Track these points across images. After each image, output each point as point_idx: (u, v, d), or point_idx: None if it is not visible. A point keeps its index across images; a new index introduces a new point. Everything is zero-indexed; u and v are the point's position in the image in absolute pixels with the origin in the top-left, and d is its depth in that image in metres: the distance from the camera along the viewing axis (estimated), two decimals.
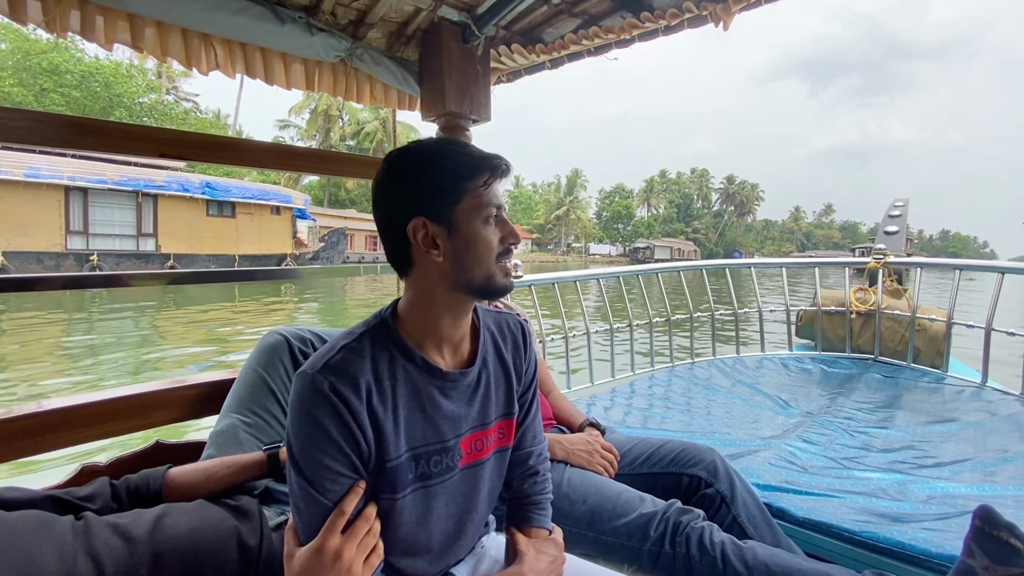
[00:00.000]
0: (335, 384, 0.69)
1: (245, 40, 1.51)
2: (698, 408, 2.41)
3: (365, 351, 0.74)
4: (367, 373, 0.72)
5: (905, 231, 4.58)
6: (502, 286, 0.78)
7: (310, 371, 0.70)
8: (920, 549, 1.22)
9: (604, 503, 1.23)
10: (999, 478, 1.66)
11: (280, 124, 44.18)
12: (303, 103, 42.80)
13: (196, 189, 18.63)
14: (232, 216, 20.08)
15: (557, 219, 67.67)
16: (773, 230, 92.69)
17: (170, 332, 9.17)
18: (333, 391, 0.69)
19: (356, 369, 0.71)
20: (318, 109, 42.31)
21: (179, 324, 10.07)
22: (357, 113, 45.10)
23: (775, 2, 1.53)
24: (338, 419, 0.69)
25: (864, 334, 3.41)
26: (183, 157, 1.32)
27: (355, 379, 0.71)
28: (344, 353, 0.72)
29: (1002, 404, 2.40)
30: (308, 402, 0.69)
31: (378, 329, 0.77)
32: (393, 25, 1.75)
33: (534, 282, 2.78)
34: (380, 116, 43.95)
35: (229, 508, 0.90)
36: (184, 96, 37.66)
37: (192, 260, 18.40)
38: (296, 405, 0.70)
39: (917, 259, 3.53)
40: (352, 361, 0.72)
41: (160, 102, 32.12)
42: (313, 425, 0.68)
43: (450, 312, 0.79)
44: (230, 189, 19.88)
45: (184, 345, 7.95)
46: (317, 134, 43.12)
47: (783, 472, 1.67)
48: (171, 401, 1.31)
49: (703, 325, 3.52)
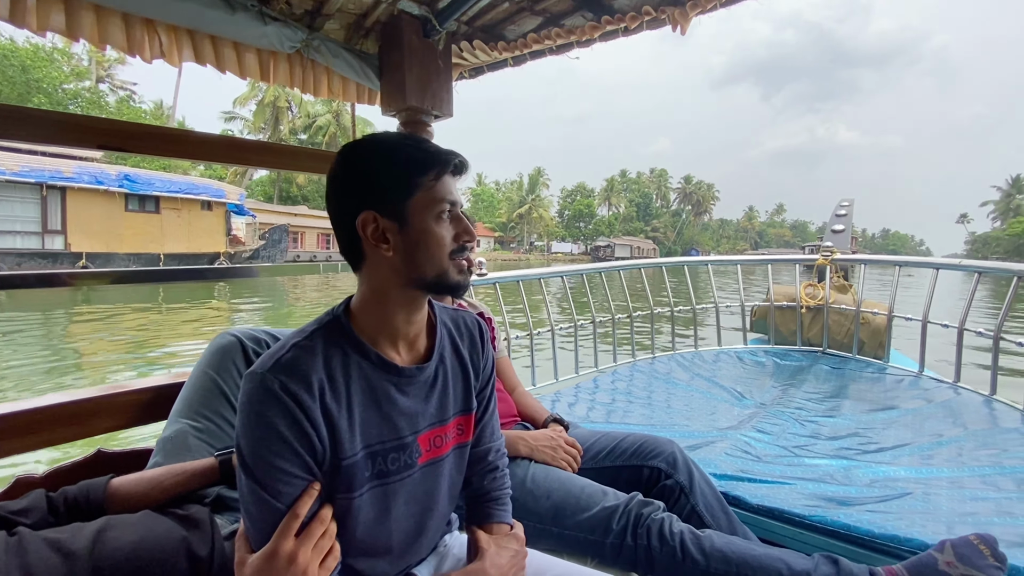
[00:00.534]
0: (286, 383, 0.67)
1: (192, 27, 1.44)
2: (659, 402, 2.47)
3: (317, 348, 0.72)
4: (319, 371, 0.70)
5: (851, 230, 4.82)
6: (455, 283, 0.77)
7: (259, 370, 0.68)
8: (864, 530, 1.29)
9: (567, 498, 1.24)
10: (935, 461, 1.77)
11: (226, 116, 41.82)
12: (248, 93, 40.58)
13: (112, 181, 16.81)
14: (156, 211, 18.35)
15: (520, 217, 67.49)
16: (728, 229, 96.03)
17: (88, 348, 7.64)
18: (284, 390, 0.66)
19: (308, 367, 0.69)
20: (265, 100, 40.45)
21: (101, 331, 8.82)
22: (308, 105, 43.42)
23: (730, 6, 1.58)
24: (290, 418, 0.67)
25: (813, 327, 3.58)
26: (125, 149, 1.25)
27: (307, 377, 0.69)
28: (295, 351, 0.70)
29: (937, 392, 2.56)
30: (258, 402, 0.66)
31: (331, 326, 0.76)
32: (351, 17, 1.71)
33: (499, 280, 2.78)
34: (333, 109, 42.38)
35: (177, 518, 0.86)
36: (120, 85, 35.08)
37: (108, 259, 16.66)
38: (245, 406, 0.67)
39: (861, 256, 3.73)
40: (303, 359, 0.70)
41: (89, 90, 29.89)
42: (263, 426, 0.66)
43: (403, 308, 0.78)
44: (153, 182, 18.07)
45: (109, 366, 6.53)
46: (265, 127, 41.27)
47: (739, 461, 1.73)
48: (114, 407, 1.23)
49: (663, 321, 3.61)
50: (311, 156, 1.70)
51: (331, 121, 42.60)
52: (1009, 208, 65.09)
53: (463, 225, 0.78)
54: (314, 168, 1.66)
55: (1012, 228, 57.97)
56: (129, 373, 6.06)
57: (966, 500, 1.48)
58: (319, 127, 42.83)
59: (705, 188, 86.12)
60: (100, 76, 33.35)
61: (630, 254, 60.20)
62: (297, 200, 43.81)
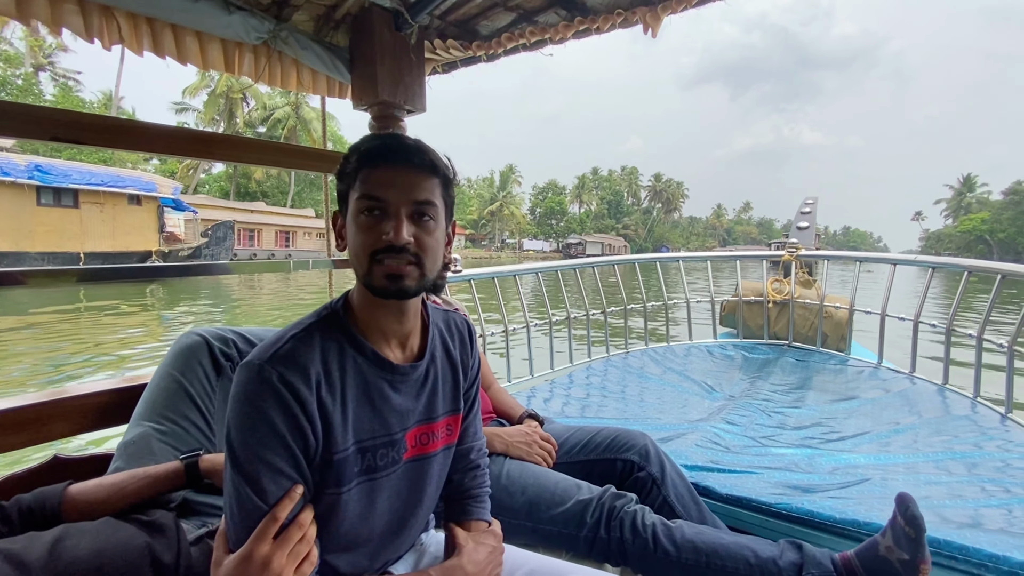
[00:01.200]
0: (284, 374, 0.66)
1: (152, 14, 1.38)
2: (632, 396, 2.51)
3: (315, 342, 0.72)
4: (317, 364, 0.70)
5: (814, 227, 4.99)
6: (379, 288, 0.72)
7: (257, 361, 0.67)
8: (827, 516, 1.34)
9: (542, 493, 1.25)
10: (892, 448, 1.86)
11: (177, 107, 39.59)
12: (199, 83, 38.03)
13: (21, 173, 15.07)
14: (74, 206, 16.57)
15: (491, 215, 66.86)
16: (698, 226, 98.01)
17: None
18: (282, 381, 0.66)
19: (306, 359, 0.69)
20: (217, 90, 38.18)
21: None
22: (265, 97, 41.44)
23: (700, 7, 1.60)
24: (285, 410, 0.66)
25: (780, 322, 3.69)
26: (80, 142, 1.19)
27: (305, 369, 0.68)
28: (293, 343, 0.70)
29: (894, 382, 2.68)
30: (254, 393, 0.66)
31: (328, 320, 0.76)
32: (320, 8, 1.67)
33: (473, 276, 2.77)
34: (292, 101, 40.75)
35: (141, 524, 0.83)
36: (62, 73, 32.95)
37: (18, 259, 14.85)
38: (240, 396, 0.66)
39: (825, 252, 3.87)
40: (302, 351, 0.70)
41: (22, 77, 27.92)
42: (258, 417, 0.65)
43: (382, 308, 0.77)
44: (69, 173, 16.25)
45: None
46: (218, 118, 39.28)
47: (708, 452, 1.77)
48: (71, 411, 1.18)
49: (636, 316, 3.67)
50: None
51: (290, 113, 41.11)
52: (960, 206, 68.01)
53: (390, 224, 0.70)
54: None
55: (963, 225, 60.38)
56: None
57: (920, 484, 1.55)
58: (277, 120, 41.20)
59: (675, 186, 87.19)
60: (40, 63, 31.22)
61: (601, 251, 60.29)
62: (256, 196, 42.16)
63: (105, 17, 1.34)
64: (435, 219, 0.75)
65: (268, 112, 41.38)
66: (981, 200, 65.93)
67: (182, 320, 10.84)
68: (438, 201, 0.75)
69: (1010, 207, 55.03)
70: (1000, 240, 54.90)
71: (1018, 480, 1.58)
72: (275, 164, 1.64)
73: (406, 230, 0.71)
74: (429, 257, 0.74)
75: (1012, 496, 1.47)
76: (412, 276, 0.72)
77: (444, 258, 1.56)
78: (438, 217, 0.76)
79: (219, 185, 43.95)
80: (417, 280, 0.73)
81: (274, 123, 41.08)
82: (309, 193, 46.14)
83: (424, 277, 0.74)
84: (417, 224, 0.73)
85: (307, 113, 40.99)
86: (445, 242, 0.81)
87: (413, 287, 0.73)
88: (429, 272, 0.75)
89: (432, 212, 0.74)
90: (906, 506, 1.00)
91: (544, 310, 3.18)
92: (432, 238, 0.74)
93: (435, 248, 0.75)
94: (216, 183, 44.21)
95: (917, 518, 0.98)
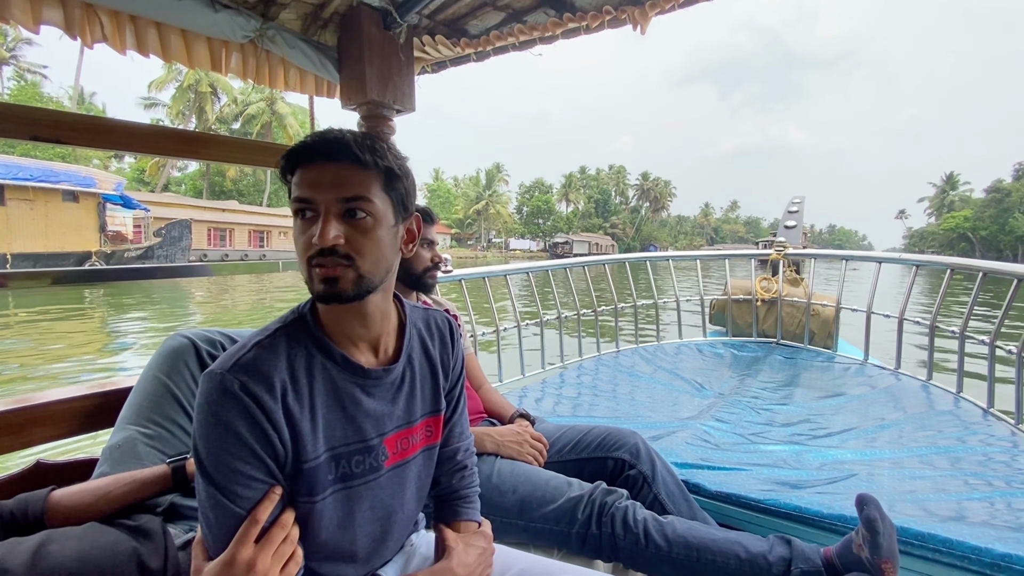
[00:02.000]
0: (246, 383, 0.65)
1: (135, 12, 1.36)
2: (623, 394, 2.53)
3: (280, 348, 0.70)
4: (282, 371, 0.68)
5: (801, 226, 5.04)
6: (317, 293, 0.69)
7: (218, 370, 0.65)
8: (814, 511, 1.36)
9: (533, 491, 1.25)
10: (878, 444, 1.88)
11: (146, 102, 37.82)
12: (165, 76, 36.21)
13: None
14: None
15: (477, 214, 65.72)
16: (686, 225, 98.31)
17: None
18: (244, 391, 0.64)
19: (270, 367, 0.67)
20: (185, 84, 36.31)
21: None
22: (234, 91, 39.87)
23: (687, 7, 1.61)
24: (250, 420, 0.64)
25: (768, 319, 3.73)
26: (61, 141, 1.17)
27: (268, 377, 0.66)
28: (256, 351, 0.68)
29: (880, 378, 2.72)
30: (216, 403, 0.64)
31: (295, 325, 0.73)
32: (308, 6, 1.65)
33: (464, 276, 2.77)
34: (266, 96, 39.30)
35: (127, 529, 0.82)
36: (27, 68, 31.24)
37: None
38: (203, 407, 0.65)
39: (812, 251, 3.91)
40: (265, 359, 0.68)
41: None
42: (222, 428, 0.64)
43: (341, 312, 0.73)
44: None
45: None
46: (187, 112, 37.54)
47: (698, 450, 1.78)
48: (55, 415, 1.16)
49: (627, 315, 3.69)
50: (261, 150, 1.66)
51: (265, 109, 39.59)
52: (943, 204, 68.32)
53: (320, 227, 0.66)
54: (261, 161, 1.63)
55: (946, 223, 60.36)
56: None
57: (906, 479, 1.58)
58: (251, 115, 39.43)
59: (663, 185, 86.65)
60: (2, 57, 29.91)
61: (588, 250, 59.48)
62: (231, 195, 40.72)
63: (87, 14, 1.31)
64: (373, 215, 0.69)
65: (242, 107, 39.98)
66: (964, 198, 66.24)
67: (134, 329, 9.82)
68: (375, 197, 0.69)
69: (992, 204, 55.03)
70: (983, 238, 55.05)
71: (999, 474, 1.61)
72: (262, 164, 1.62)
73: (333, 230, 0.66)
74: (366, 257, 0.69)
75: (994, 489, 1.50)
76: (347, 279, 0.68)
77: (435, 258, 1.56)
78: (377, 214, 0.70)
79: (193, 183, 42.52)
80: (354, 283, 0.69)
81: (248, 119, 39.58)
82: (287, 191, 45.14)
83: (363, 279, 0.69)
84: (349, 223, 0.68)
85: (281, 108, 39.74)
86: (404, 239, 0.77)
87: (350, 291, 0.69)
88: (369, 274, 0.70)
89: (368, 208, 0.68)
90: (861, 507, 1.02)
91: (535, 310, 3.19)
92: (368, 237, 0.69)
93: (373, 247, 0.70)
94: (191, 181, 42.86)
95: (871, 520, 1.00)
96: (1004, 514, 1.36)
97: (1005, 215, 53.46)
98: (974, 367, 2.56)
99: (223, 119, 40.17)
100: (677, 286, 3.77)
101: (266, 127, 39.79)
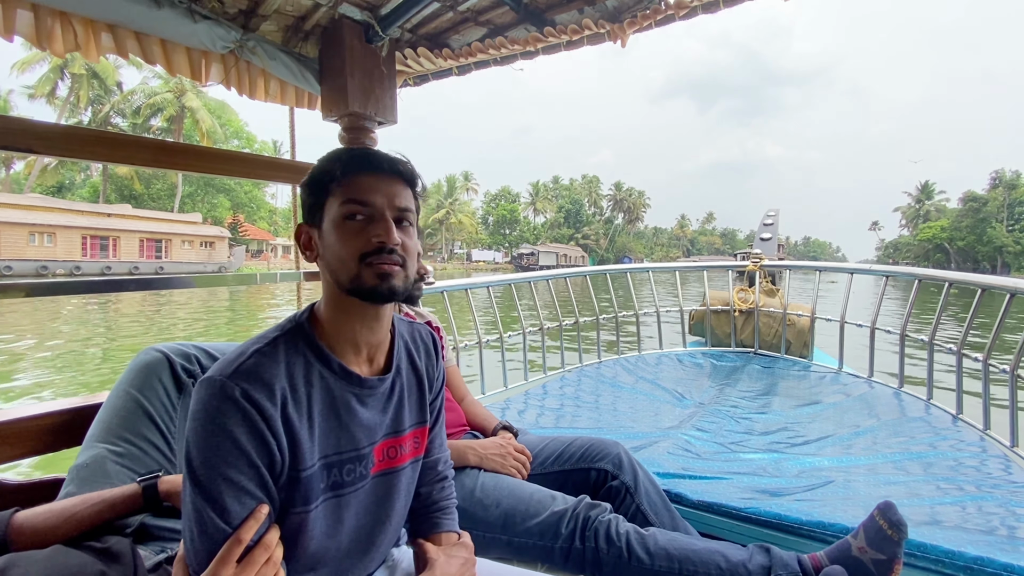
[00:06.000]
0: (248, 390, 0.64)
1: (112, 21, 1.34)
2: (606, 405, 2.53)
3: (279, 356, 0.70)
4: (282, 378, 0.69)
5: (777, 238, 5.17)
6: (370, 287, 0.72)
7: (219, 377, 0.65)
8: (793, 519, 1.38)
9: (517, 505, 1.24)
10: (853, 450, 1.92)
11: (28, 92, 32.20)
12: (32, 56, 30.36)
13: None
14: None
15: (439, 223, 62.75)
16: (662, 237, 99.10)
17: None
18: (245, 397, 0.64)
19: (270, 374, 0.67)
20: (54, 65, 31.03)
21: None
22: (116, 73, 34.13)
23: (665, 25, 1.66)
24: (249, 427, 0.64)
25: (746, 330, 3.80)
26: (33, 151, 1.14)
27: (270, 384, 0.67)
28: (257, 358, 0.68)
29: (854, 386, 2.79)
30: (215, 410, 0.63)
31: (293, 333, 0.74)
32: (289, 19, 1.65)
33: (447, 288, 2.76)
34: (172, 86, 34.62)
35: (94, 552, 0.79)
36: None
37: None
38: (200, 414, 0.64)
39: (787, 262, 4.01)
40: (266, 366, 0.68)
41: None
42: (220, 435, 0.63)
43: (356, 316, 0.76)
44: None
45: None
46: (76, 101, 31.72)
47: (680, 460, 1.80)
48: (20, 433, 1.11)
49: (609, 326, 3.71)
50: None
51: (172, 101, 34.52)
52: (919, 214, 67.16)
53: (379, 227, 0.72)
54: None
55: (923, 233, 59.16)
56: None
57: (880, 484, 1.61)
58: (152, 107, 34.35)
59: (636, 195, 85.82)
60: None
61: (556, 262, 57.40)
62: (143, 198, 36.89)
63: (60, 23, 1.29)
64: (414, 225, 0.78)
65: (148, 96, 34.65)
66: (939, 207, 65.68)
67: None
68: (414, 210, 0.78)
69: (969, 214, 53.93)
70: (959, 248, 54.07)
71: (970, 478, 1.66)
72: (243, 175, 1.61)
73: (395, 231, 0.73)
74: (412, 261, 0.76)
75: (965, 494, 1.54)
76: (400, 276, 0.73)
77: (420, 270, 1.56)
78: (416, 225, 0.78)
79: (92, 185, 38.08)
80: (404, 281, 0.74)
81: (149, 110, 34.54)
82: (205, 196, 40.70)
83: (408, 279, 0.75)
84: (400, 229, 0.75)
85: (189, 101, 34.77)
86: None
87: (401, 287, 0.74)
88: (412, 276, 0.76)
89: (411, 219, 0.77)
90: (892, 512, 1.06)
91: (517, 322, 3.19)
92: (413, 243, 0.77)
93: (415, 253, 0.77)
94: (94, 183, 38.83)
95: (903, 523, 1.04)
96: (975, 518, 1.39)
97: (982, 225, 52.48)
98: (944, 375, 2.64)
99: (121, 112, 35.15)
100: (658, 297, 3.82)
101: (174, 120, 35.53)
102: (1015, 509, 1.43)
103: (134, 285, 1.53)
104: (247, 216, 44.46)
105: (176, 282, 1.57)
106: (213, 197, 41.50)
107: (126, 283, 1.51)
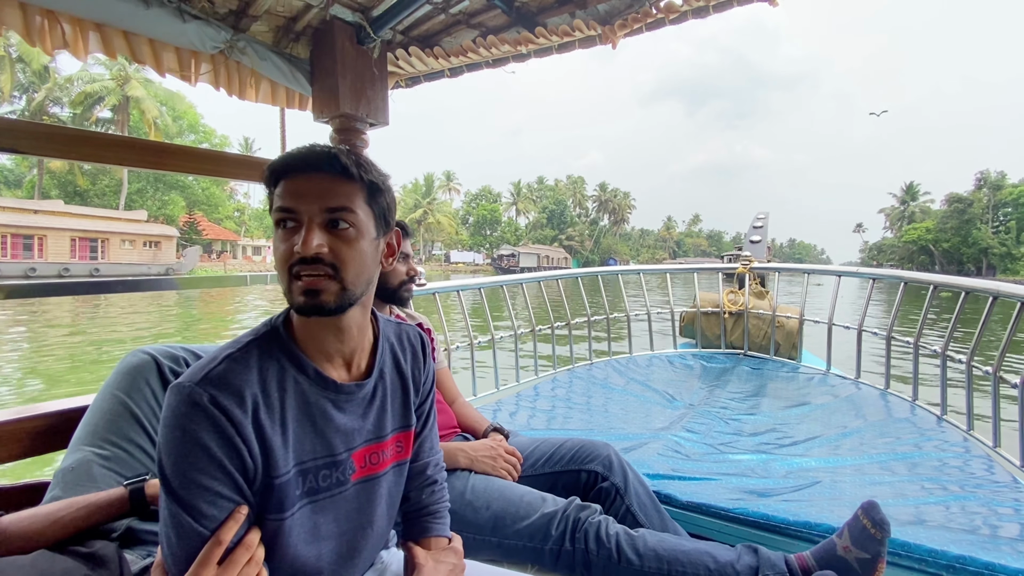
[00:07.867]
0: (216, 397, 0.63)
1: (101, 20, 1.33)
2: (597, 406, 2.54)
3: (252, 361, 0.69)
4: (253, 385, 0.67)
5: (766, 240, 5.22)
6: (297, 304, 0.68)
7: (187, 383, 0.64)
8: (780, 519, 1.39)
9: (507, 507, 1.24)
10: (841, 451, 1.94)
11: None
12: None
13: None
14: None
15: (417, 223, 59.71)
16: (648, 238, 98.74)
17: None
18: (214, 404, 0.63)
19: (241, 381, 0.66)
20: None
21: None
22: (39, 57, 29.49)
23: (655, 30, 1.68)
24: (219, 434, 0.63)
25: (735, 331, 3.83)
26: (16, 150, 1.13)
27: (239, 391, 0.65)
28: (228, 363, 0.67)
29: (842, 388, 2.82)
30: (184, 417, 0.62)
31: (267, 338, 0.72)
32: (280, 19, 1.65)
33: (438, 290, 2.76)
34: (115, 73, 32.15)
35: (80, 557, 0.78)
36: None
37: None
38: (170, 421, 0.63)
39: (776, 265, 4.05)
40: (237, 372, 0.66)
41: None
42: (190, 442, 0.62)
43: (316, 327, 0.73)
44: None
45: None
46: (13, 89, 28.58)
47: (670, 461, 1.81)
48: (4, 436, 1.10)
49: (600, 328, 3.73)
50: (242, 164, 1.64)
51: (114, 89, 31.84)
52: (903, 215, 66.21)
53: (301, 237, 0.66)
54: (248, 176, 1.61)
55: (908, 235, 58.18)
56: None
57: (867, 485, 1.63)
58: (90, 95, 31.27)
59: (621, 196, 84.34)
60: None
61: (537, 263, 54.89)
62: (87, 194, 34.29)
63: (48, 21, 1.28)
64: (356, 227, 0.69)
65: (85, 84, 31.44)
66: (924, 208, 64.83)
67: None
68: (358, 209, 0.70)
69: (954, 216, 52.67)
70: (944, 250, 53.09)
71: (953, 478, 1.68)
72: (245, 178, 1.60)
73: (316, 239, 0.66)
74: (349, 268, 0.69)
75: (949, 494, 1.57)
76: (330, 291, 0.68)
77: (410, 271, 1.55)
78: (360, 225, 0.70)
79: (30, 181, 34.96)
80: (337, 295, 0.68)
81: (86, 100, 31.52)
82: (154, 194, 37.24)
83: (345, 291, 0.69)
84: (332, 233, 0.68)
85: (133, 90, 32.27)
86: (384, 253, 0.78)
87: (332, 303, 0.68)
88: (352, 285, 0.70)
89: (351, 219, 0.69)
90: (875, 511, 1.08)
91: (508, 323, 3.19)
92: (352, 248, 0.69)
93: (357, 259, 0.70)
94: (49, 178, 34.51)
95: (885, 522, 1.06)
96: (959, 517, 1.42)
97: (968, 226, 51.45)
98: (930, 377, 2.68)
99: (58, 101, 32.05)
100: (648, 299, 3.84)
101: (119, 111, 32.90)
102: (997, 508, 1.46)
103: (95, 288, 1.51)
104: (207, 214, 41.65)
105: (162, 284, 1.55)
106: (164, 194, 37.94)
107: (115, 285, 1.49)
